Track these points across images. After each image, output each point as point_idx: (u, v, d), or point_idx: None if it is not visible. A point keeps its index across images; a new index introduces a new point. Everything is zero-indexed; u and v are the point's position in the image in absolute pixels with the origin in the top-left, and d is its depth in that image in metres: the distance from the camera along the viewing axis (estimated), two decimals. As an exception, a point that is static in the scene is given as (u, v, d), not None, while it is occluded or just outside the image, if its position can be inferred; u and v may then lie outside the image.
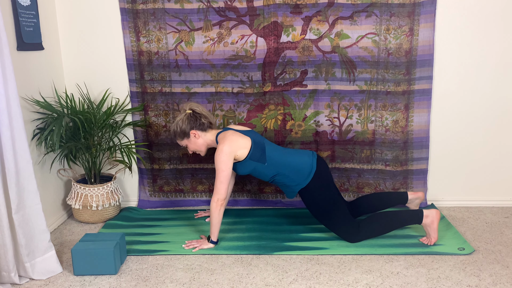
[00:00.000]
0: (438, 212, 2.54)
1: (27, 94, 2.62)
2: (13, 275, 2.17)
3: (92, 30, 2.98)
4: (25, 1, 2.58)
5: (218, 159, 2.46)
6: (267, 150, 2.55)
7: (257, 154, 2.52)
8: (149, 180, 3.21)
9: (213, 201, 2.47)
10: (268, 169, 2.55)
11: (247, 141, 2.52)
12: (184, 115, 2.59)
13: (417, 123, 3.01)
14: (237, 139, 2.50)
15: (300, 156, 2.58)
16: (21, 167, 2.14)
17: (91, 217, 2.93)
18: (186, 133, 2.58)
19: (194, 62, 2.97)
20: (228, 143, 2.47)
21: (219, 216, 2.49)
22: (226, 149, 2.45)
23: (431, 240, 2.54)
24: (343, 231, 2.55)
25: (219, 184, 2.46)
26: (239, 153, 2.50)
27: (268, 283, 2.20)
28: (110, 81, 3.05)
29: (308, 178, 2.52)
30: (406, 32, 2.88)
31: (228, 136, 2.51)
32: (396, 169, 3.07)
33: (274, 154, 2.56)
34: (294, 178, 2.54)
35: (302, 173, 2.53)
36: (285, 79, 2.98)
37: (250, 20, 2.90)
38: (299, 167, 2.54)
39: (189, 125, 2.57)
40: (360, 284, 2.17)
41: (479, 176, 3.11)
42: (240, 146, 2.49)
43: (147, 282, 2.22)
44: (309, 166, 2.54)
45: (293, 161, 2.55)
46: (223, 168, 2.45)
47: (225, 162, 2.45)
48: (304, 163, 2.55)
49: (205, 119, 2.59)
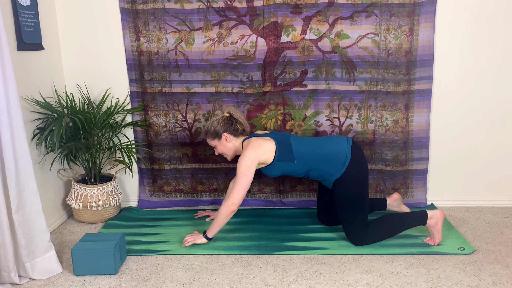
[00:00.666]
0: (442, 213, 2.52)
1: (27, 94, 2.62)
2: (13, 275, 2.17)
3: (92, 30, 2.98)
4: (25, 1, 2.58)
5: (241, 163, 2.44)
6: (293, 147, 2.50)
7: (284, 153, 2.48)
8: (149, 180, 3.21)
9: (227, 204, 2.43)
10: (299, 166, 2.50)
11: (271, 143, 2.49)
12: (221, 117, 2.59)
13: (417, 123, 3.01)
14: (261, 143, 2.48)
15: (333, 145, 2.51)
16: (21, 167, 2.14)
17: (91, 217, 2.93)
18: (219, 135, 2.58)
19: (194, 62, 2.97)
20: (253, 149, 2.45)
21: (226, 220, 2.48)
22: (251, 154, 2.44)
23: (435, 240, 2.53)
24: (356, 231, 2.50)
25: (239, 188, 2.42)
26: (264, 157, 2.47)
27: (268, 283, 2.20)
28: (110, 81, 3.05)
29: (342, 168, 2.45)
30: (406, 32, 2.88)
31: (252, 141, 2.50)
32: (396, 169, 3.07)
33: (303, 149, 2.50)
34: (328, 169, 2.47)
35: (335, 164, 2.46)
36: (285, 79, 2.98)
37: (250, 20, 2.90)
38: (331, 157, 2.46)
39: (224, 127, 2.57)
40: (360, 284, 2.17)
41: (479, 176, 3.11)
42: (265, 150, 2.47)
43: (147, 282, 2.22)
44: (343, 155, 2.47)
45: (325, 152, 2.48)
46: (245, 173, 2.42)
47: (248, 167, 2.43)
48: (337, 151, 2.47)
49: (240, 125, 2.59)
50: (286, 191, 3.17)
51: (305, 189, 3.17)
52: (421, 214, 2.53)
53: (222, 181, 3.18)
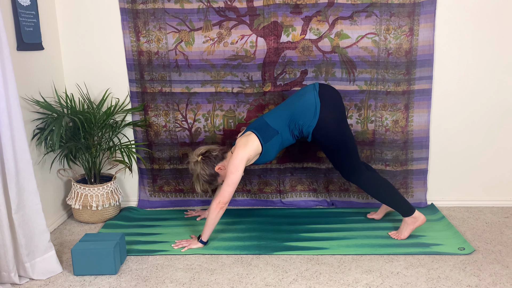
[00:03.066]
0: (424, 221, 2.59)
1: (27, 94, 2.62)
2: (13, 275, 2.17)
3: (92, 30, 2.98)
4: (25, 1, 2.58)
5: (230, 163, 2.46)
6: (269, 122, 2.53)
7: (266, 134, 2.51)
8: (149, 180, 3.21)
9: (215, 202, 2.46)
10: (284, 133, 2.53)
11: (252, 135, 2.51)
12: (198, 164, 2.57)
13: (417, 123, 3.01)
14: (245, 141, 2.50)
15: (300, 97, 2.53)
16: (21, 167, 2.14)
17: (91, 217, 2.93)
18: (214, 173, 2.58)
19: (194, 62, 2.97)
20: (240, 148, 2.47)
21: (216, 218, 2.48)
22: (240, 153, 2.45)
23: (400, 236, 2.59)
24: (348, 166, 2.55)
25: (226, 186, 2.44)
26: (254, 150, 2.49)
27: (268, 283, 2.20)
28: (110, 81, 3.05)
29: (315, 117, 2.46)
30: (406, 32, 2.88)
31: (238, 144, 2.51)
32: (396, 169, 3.07)
33: (277, 117, 2.54)
34: (304, 121, 2.48)
35: (308, 114, 2.47)
36: (285, 79, 2.98)
37: (250, 20, 2.90)
38: (303, 109, 2.48)
39: (210, 166, 2.56)
40: (360, 284, 2.17)
41: (479, 176, 3.11)
42: (251, 145, 2.48)
43: (147, 282, 2.22)
44: (313, 104, 2.47)
45: (296, 107, 2.51)
46: (232, 171, 2.44)
47: (237, 166, 2.44)
48: (305, 102, 2.49)
49: (214, 151, 2.59)
50: (286, 191, 3.17)
51: (305, 189, 3.18)
52: (410, 208, 2.59)
53: (222, 181, 3.18)
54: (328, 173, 3.13)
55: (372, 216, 2.88)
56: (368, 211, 3.01)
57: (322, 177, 3.14)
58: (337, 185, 3.14)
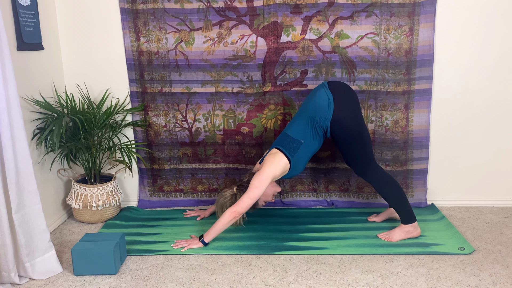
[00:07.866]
0: (419, 234, 2.62)
1: (27, 94, 2.62)
2: (13, 275, 2.17)
3: (92, 30, 2.98)
4: (25, 1, 2.58)
5: (256, 177, 2.48)
6: (290, 134, 2.55)
7: (290, 146, 2.52)
8: (149, 180, 3.21)
9: (231, 209, 2.47)
10: (309, 141, 2.53)
11: (277, 152, 2.52)
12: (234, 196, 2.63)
13: (417, 123, 3.01)
14: (272, 159, 2.51)
15: (312, 96, 2.54)
16: (21, 167, 2.14)
17: (91, 217, 2.93)
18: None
19: (194, 62, 2.97)
20: (268, 166, 2.49)
21: (227, 225, 2.50)
22: (267, 170, 2.48)
23: (389, 237, 2.59)
24: (363, 160, 2.55)
25: (246, 199, 2.46)
26: (282, 168, 2.51)
27: (268, 283, 2.20)
28: (110, 81, 3.05)
29: (330, 109, 2.46)
30: (406, 32, 2.88)
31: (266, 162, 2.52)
32: (396, 169, 3.07)
33: (297, 129, 2.55)
34: (321, 116, 2.48)
35: (323, 108, 2.47)
36: (285, 79, 2.98)
37: (250, 20, 2.90)
38: (317, 105, 2.49)
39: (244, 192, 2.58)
40: (360, 284, 2.17)
41: (479, 176, 3.11)
42: (279, 164, 2.50)
43: (147, 282, 2.22)
44: (325, 98, 2.48)
45: (310, 106, 2.51)
46: (257, 185, 2.46)
47: (262, 181, 2.46)
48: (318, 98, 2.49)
49: (245, 182, 2.63)
50: (286, 191, 3.17)
51: (305, 189, 3.18)
52: (413, 216, 2.59)
53: (222, 181, 3.18)
54: (328, 173, 3.13)
55: (372, 219, 2.87)
56: (368, 211, 3.01)
57: (322, 177, 3.15)
58: (337, 185, 3.14)
